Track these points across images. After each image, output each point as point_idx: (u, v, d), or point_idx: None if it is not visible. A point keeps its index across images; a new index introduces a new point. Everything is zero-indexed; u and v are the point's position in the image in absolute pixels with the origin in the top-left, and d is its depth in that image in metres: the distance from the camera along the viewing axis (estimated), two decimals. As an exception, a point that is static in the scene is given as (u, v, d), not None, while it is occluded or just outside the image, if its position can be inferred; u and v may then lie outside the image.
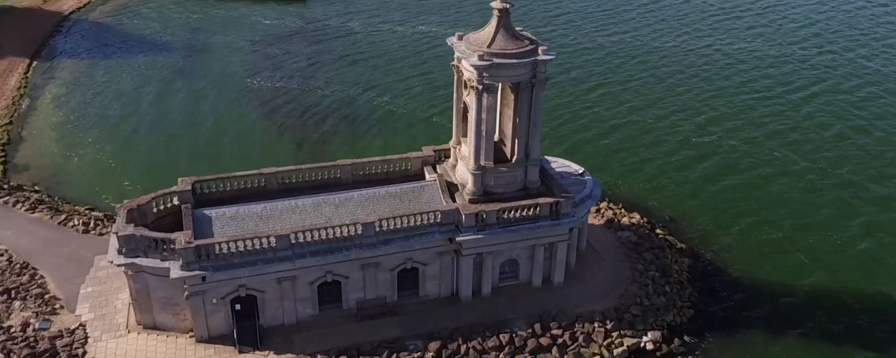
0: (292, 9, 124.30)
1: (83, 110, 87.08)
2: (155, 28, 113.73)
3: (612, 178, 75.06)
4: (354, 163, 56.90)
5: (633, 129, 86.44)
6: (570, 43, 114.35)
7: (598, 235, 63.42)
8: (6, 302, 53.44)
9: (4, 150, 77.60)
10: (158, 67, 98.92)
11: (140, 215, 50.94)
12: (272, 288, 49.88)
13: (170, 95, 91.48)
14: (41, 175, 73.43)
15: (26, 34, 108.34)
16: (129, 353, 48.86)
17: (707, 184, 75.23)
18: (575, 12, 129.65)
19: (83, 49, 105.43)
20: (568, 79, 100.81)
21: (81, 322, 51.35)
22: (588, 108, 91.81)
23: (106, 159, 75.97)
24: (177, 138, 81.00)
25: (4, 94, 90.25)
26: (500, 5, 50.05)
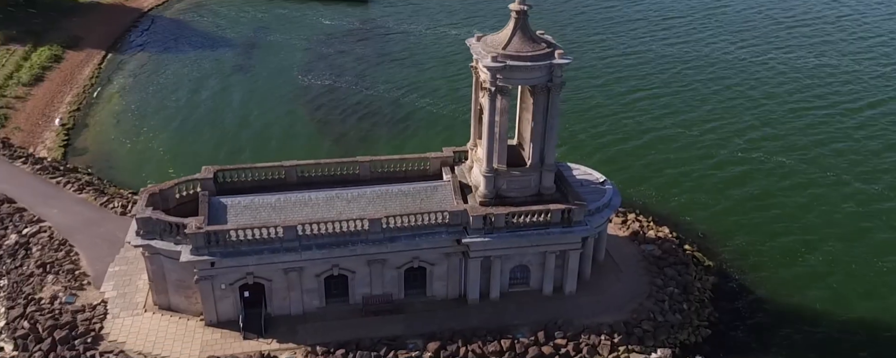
0: (353, 10, 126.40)
1: (144, 100, 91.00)
2: (222, 25, 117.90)
3: (646, 189, 72.82)
4: (373, 160, 57.08)
5: (676, 140, 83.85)
6: (622, 48, 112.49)
7: (621, 246, 61.38)
8: (42, 275, 56.25)
9: (69, 134, 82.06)
10: (219, 62, 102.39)
11: (162, 200, 52.63)
12: (279, 277, 50.55)
13: (225, 89, 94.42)
14: (96, 159, 77.20)
15: (106, 28, 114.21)
16: (142, 331, 50.51)
17: (748, 201, 71.86)
18: (635, 19, 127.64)
19: (154, 43, 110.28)
20: (614, 84, 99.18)
21: (104, 299, 53.44)
22: (630, 115, 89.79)
23: (156, 147, 79.09)
24: (224, 130, 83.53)
25: (78, 82, 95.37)
26: (518, 7, 49.25)
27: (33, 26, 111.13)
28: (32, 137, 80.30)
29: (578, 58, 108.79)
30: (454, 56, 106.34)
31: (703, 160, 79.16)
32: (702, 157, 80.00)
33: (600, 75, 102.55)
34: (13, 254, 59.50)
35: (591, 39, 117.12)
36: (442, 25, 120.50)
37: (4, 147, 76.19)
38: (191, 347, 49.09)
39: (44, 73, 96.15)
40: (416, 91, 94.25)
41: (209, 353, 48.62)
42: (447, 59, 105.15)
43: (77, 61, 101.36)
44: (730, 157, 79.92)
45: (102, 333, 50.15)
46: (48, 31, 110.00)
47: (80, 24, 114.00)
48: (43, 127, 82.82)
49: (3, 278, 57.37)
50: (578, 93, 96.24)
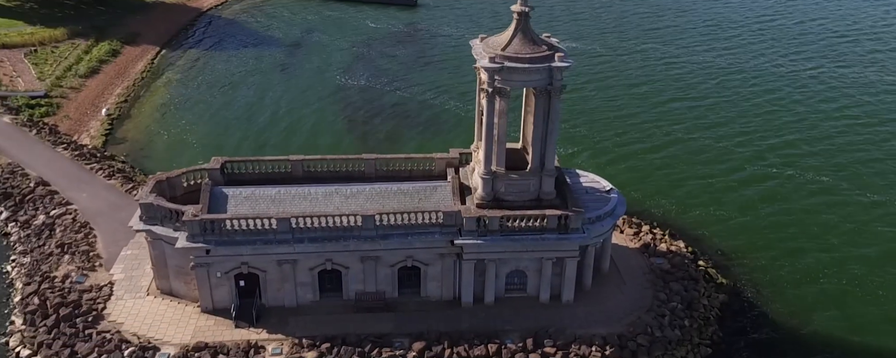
0: (401, 14, 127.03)
1: (186, 94, 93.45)
2: (272, 26, 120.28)
3: (667, 201, 70.03)
4: (378, 158, 56.57)
5: (706, 151, 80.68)
6: (666, 57, 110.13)
7: (629, 258, 58.97)
8: (60, 255, 58.05)
9: (112, 123, 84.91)
10: (264, 61, 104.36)
11: (169, 187, 53.56)
12: (273, 269, 50.54)
13: (263, 86, 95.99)
14: (133, 148, 79.53)
15: (164, 26, 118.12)
16: (141, 314, 51.32)
17: (774, 218, 68.24)
18: (685, 28, 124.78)
19: (206, 41, 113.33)
20: (650, 93, 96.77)
21: (111, 281, 54.64)
22: (660, 124, 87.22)
23: (190, 139, 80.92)
24: (256, 124, 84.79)
25: (129, 76, 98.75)
26: (519, 8, 48.00)
27: (99, 22, 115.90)
28: (79, 125, 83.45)
29: (617, 65, 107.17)
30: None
31: (731, 174, 75.63)
32: (730, 170, 76.44)
33: (638, 82, 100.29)
34: (39, 233, 61.75)
35: (633, 47, 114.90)
36: (485, 30, 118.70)
37: (51, 133, 79.50)
38: (183, 332, 49.57)
39: (100, 66, 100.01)
40: (448, 93, 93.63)
41: (200, 339, 48.92)
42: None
43: (133, 56, 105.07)
44: (760, 171, 76.18)
45: (104, 314, 51.24)
46: (112, 27, 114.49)
47: (141, 22, 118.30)
48: (90, 116, 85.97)
49: (27, 256, 59.55)
50: (612, 100, 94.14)
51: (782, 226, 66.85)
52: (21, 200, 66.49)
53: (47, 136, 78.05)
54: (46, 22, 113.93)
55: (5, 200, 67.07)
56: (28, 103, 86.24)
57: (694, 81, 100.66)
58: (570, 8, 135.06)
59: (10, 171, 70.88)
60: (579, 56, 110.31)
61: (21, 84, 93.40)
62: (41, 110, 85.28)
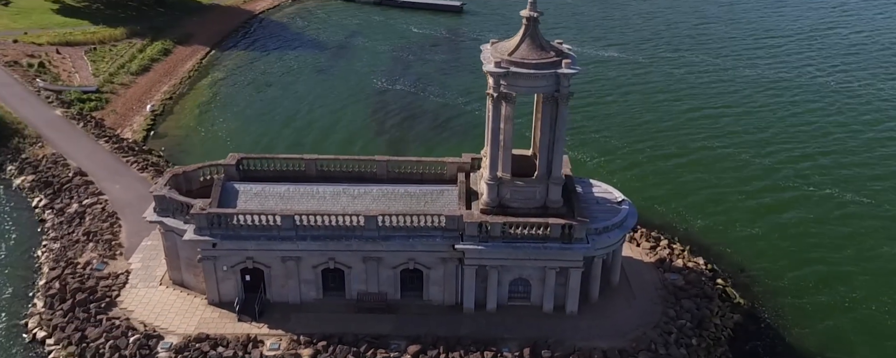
0: (446, 20, 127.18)
1: (228, 93, 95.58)
2: (319, 28, 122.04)
3: (691, 216, 67.30)
4: (390, 160, 56.31)
5: (738, 167, 77.35)
6: (700, 65, 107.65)
7: (642, 272, 56.94)
8: (85, 242, 59.88)
9: (155, 119, 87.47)
10: (306, 62, 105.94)
11: (185, 181, 54.55)
12: (277, 265, 50.79)
13: (303, 88, 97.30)
14: (170, 143, 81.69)
15: (217, 27, 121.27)
16: (151, 303, 52.33)
17: (807, 239, 64.85)
18: (726, 37, 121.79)
19: (255, 43, 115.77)
20: (680, 100, 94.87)
21: (128, 269, 56.00)
22: (691, 135, 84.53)
23: (225, 136, 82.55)
24: (291, 124, 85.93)
25: (177, 74, 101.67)
26: (528, 13, 47.07)
27: (158, 23, 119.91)
28: (123, 120, 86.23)
29: (650, 73, 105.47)
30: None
31: (767, 192, 72.32)
32: (767, 188, 73.07)
33: (668, 90, 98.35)
34: (70, 221, 63.91)
35: (668, 55, 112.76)
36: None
37: (96, 126, 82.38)
38: (188, 323, 50.31)
39: (152, 64, 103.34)
40: (484, 99, 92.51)
41: (203, 330, 49.51)
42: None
43: (183, 55, 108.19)
44: (800, 191, 72.59)
45: (117, 301, 52.51)
46: (168, 27, 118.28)
47: (196, 23, 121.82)
48: (135, 112, 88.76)
49: (57, 242, 61.65)
50: (642, 108, 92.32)
51: (815, 248, 63.44)
52: (59, 189, 69.06)
53: (92, 129, 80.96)
54: (109, 22, 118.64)
55: (46, 188, 69.78)
56: (80, 98, 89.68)
57: (724, 91, 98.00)
58: (609, 16, 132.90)
59: (53, 161, 73.78)
60: (611, 63, 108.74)
61: (77, 79, 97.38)
62: (91, 104, 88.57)
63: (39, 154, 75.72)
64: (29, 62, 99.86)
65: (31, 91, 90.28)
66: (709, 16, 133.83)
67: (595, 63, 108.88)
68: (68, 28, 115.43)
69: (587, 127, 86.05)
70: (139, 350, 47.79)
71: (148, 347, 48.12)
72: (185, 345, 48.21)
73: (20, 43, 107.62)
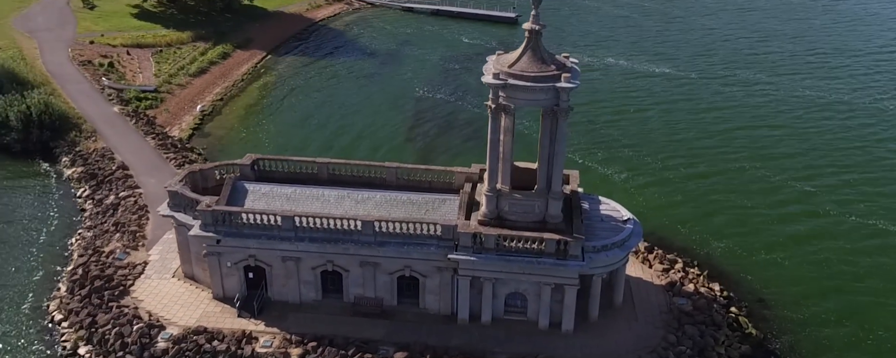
0: (499, 31, 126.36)
1: (274, 96, 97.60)
2: (372, 37, 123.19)
3: (713, 240, 64.00)
4: (399, 167, 55.93)
5: (770, 189, 73.28)
6: (750, 83, 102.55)
7: (650, 294, 54.45)
8: (113, 232, 62.07)
9: (202, 119, 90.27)
10: (352, 69, 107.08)
11: (202, 178, 55.83)
12: (278, 264, 51.14)
13: (346, 94, 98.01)
14: (212, 142, 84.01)
15: (277, 33, 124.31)
16: (160, 294, 53.57)
17: (837, 269, 60.63)
18: (782, 53, 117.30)
19: (309, 49, 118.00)
20: (721, 120, 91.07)
21: (147, 261, 57.65)
22: (725, 151, 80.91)
23: (264, 138, 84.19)
24: (329, 128, 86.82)
25: (231, 77, 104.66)
26: (530, 26, 46.11)
27: (223, 28, 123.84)
28: (174, 119, 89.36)
29: (695, 89, 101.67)
30: (586, 86, 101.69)
31: (799, 219, 68.03)
32: (800, 214, 68.78)
33: (713, 107, 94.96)
34: (105, 212, 66.44)
35: (721, 71, 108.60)
36: (578, 48, 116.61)
37: (147, 124, 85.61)
38: (190, 316, 51.25)
39: (209, 67, 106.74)
40: (523, 113, 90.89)
41: (203, 323, 50.37)
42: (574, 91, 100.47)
43: (240, 59, 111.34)
44: (834, 219, 67.90)
45: (130, 290, 54.06)
46: (232, 32, 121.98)
47: (258, 29, 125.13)
48: (186, 111, 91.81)
49: (90, 231, 64.16)
50: (674, 123, 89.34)
51: (844, 280, 59.18)
52: (102, 181, 71.99)
53: (143, 126, 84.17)
54: (179, 26, 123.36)
55: (90, 179, 72.86)
56: (137, 96, 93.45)
57: (780, 111, 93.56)
58: (666, 30, 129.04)
59: (101, 155, 77.11)
60: (657, 78, 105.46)
61: (140, 79, 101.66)
62: (146, 103, 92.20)
63: (91, 147, 79.34)
64: (100, 62, 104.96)
65: (97, 89, 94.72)
66: (772, 32, 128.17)
67: (641, 77, 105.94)
68: (141, 31, 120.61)
69: (620, 141, 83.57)
70: (140, 338, 49.02)
71: (149, 336, 49.28)
72: (184, 336, 49.13)
73: (96, 44, 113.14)
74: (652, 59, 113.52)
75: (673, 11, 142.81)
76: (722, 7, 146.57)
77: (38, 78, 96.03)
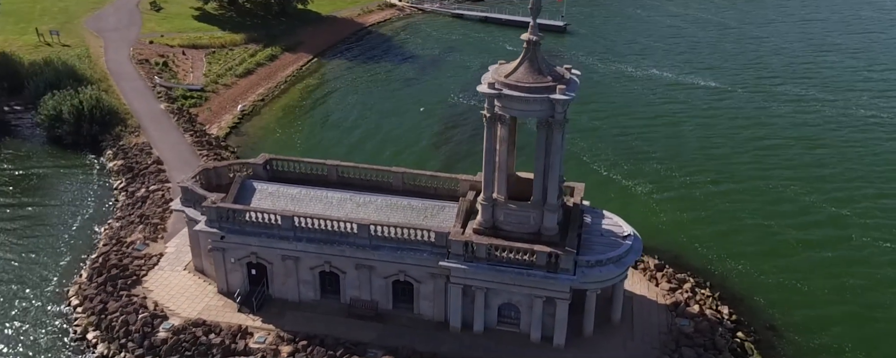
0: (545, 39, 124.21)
1: (313, 99, 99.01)
2: (418, 42, 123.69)
3: (733, 260, 61.31)
4: (405, 172, 55.89)
5: (800, 210, 69.82)
6: (796, 99, 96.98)
7: (652, 313, 52.61)
8: (137, 224, 64.40)
9: (241, 119, 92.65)
10: (394, 74, 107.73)
11: (216, 176, 57.08)
12: (278, 263, 51.87)
13: (382, 98, 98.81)
14: (246, 141, 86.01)
15: (326, 37, 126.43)
16: (169, 285, 55.15)
17: (861, 299, 56.95)
18: (841, 68, 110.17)
19: (355, 53, 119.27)
20: (761, 139, 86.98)
21: (163, 253, 59.48)
22: (758, 168, 77.80)
23: (296, 139, 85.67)
24: (359, 131, 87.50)
25: (275, 79, 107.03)
26: (527, 37, 45.22)
27: (276, 31, 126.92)
28: (214, 117, 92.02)
29: (737, 102, 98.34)
30: (619, 97, 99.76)
31: (823, 243, 64.27)
32: (824, 240, 64.85)
33: (753, 124, 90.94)
34: (134, 204, 69.02)
35: (768, 85, 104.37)
36: (622, 58, 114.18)
37: (188, 121, 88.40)
38: (193, 308, 52.55)
39: (256, 68, 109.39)
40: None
41: (203, 316, 51.57)
42: (610, 100, 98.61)
43: (287, 62, 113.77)
44: (860, 243, 64.14)
45: (142, 280, 55.91)
46: (283, 35, 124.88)
47: (309, 32, 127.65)
48: (227, 110, 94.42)
49: (119, 221, 66.78)
50: (707, 137, 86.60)
51: (868, 311, 55.67)
52: (137, 174, 74.76)
53: (183, 123, 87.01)
54: (235, 28, 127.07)
55: (127, 172, 75.75)
56: (184, 94, 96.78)
57: (826, 129, 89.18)
58: (719, 41, 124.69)
59: (140, 149, 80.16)
60: (698, 90, 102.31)
61: (190, 78, 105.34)
62: (191, 101, 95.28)
63: (133, 142, 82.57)
64: (156, 61, 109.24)
65: (149, 86, 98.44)
66: (831, 45, 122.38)
67: (683, 88, 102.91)
68: (199, 33, 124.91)
69: (649, 153, 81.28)
70: (143, 327, 50.59)
71: (152, 325, 50.80)
72: (184, 328, 50.42)
73: (155, 44, 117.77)
74: (697, 71, 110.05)
75: (728, 22, 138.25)
76: (780, 18, 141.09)
77: (97, 75, 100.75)
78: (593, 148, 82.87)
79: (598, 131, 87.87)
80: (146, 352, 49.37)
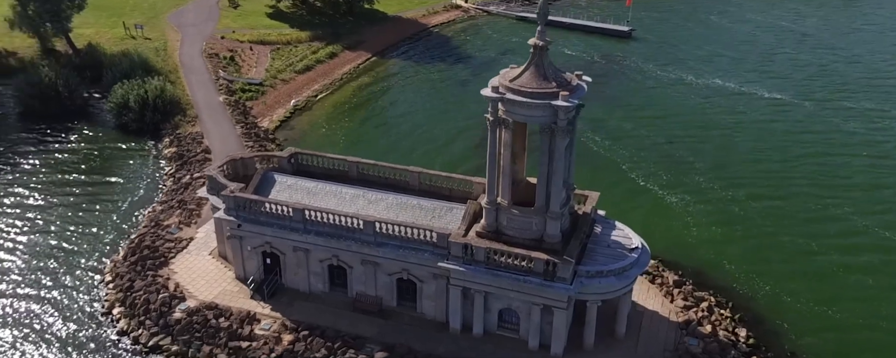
0: (607, 44, 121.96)
1: (364, 97, 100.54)
2: (477, 45, 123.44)
3: (763, 281, 58.29)
4: (422, 172, 56.14)
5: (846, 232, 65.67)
6: (859, 113, 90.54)
7: (660, 330, 50.81)
8: (175, 208, 67.47)
9: (292, 113, 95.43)
10: (447, 75, 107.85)
11: (242, 166, 59.02)
12: (290, 254, 53.19)
13: (431, 98, 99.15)
14: (293, 135, 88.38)
15: (388, 37, 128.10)
16: (193, 269, 57.48)
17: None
18: None
19: (413, 53, 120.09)
20: (817, 155, 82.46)
21: (193, 237, 62.09)
22: (806, 185, 73.88)
23: (339, 137, 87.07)
24: (400, 131, 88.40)
25: (332, 76, 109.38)
26: (534, 41, 44.74)
27: (341, 30, 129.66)
28: (267, 111, 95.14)
29: (799, 116, 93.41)
30: (672, 105, 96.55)
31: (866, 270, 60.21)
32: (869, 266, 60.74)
33: (813, 140, 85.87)
34: (178, 189, 72.40)
35: (835, 99, 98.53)
36: (685, 65, 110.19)
37: (242, 113, 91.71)
38: (209, 292, 54.62)
39: (316, 65, 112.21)
40: (601, 130, 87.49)
41: (218, 301, 53.56)
42: (662, 108, 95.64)
43: (346, 60, 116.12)
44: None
45: (169, 262, 58.54)
46: (346, 34, 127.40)
47: (372, 31, 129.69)
48: (281, 105, 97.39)
49: (161, 205, 70.17)
50: (756, 150, 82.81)
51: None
52: (185, 162, 78.32)
53: (237, 115, 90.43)
54: (303, 26, 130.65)
55: (178, 159, 79.48)
56: (243, 88, 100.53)
57: (891, 148, 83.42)
58: (802, 52, 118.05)
59: (192, 138, 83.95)
60: (760, 101, 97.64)
61: (253, 73, 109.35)
62: (249, 95, 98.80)
63: (188, 131, 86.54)
64: (224, 55, 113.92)
65: (213, 79, 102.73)
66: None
67: (744, 98, 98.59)
68: (269, 29, 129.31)
69: (690, 163, 78.41)
70: (161, 306, 53.06)
71: (169, 305, 53.21)
72: (197, 310, 52.58)
73: (226, 39, 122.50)
74: (762, 80, 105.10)
75: (807, 30, 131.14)
76: (865, 27, 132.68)
77: (168, 67, 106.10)
78: (635, 156, 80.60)
79: (643, 139, 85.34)
80: (161, 330, 51.82)
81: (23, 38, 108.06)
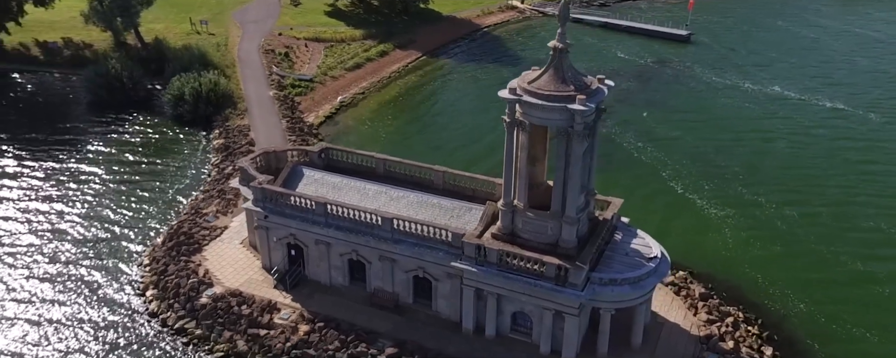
0: (664, 48, 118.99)
1: (410, 96, 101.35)
2: (530, 46, 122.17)
3: (797, 298, 55.87)
4: (446, 172, 56.21)
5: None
6: None
7: (679, 343, 49.41)
8: (215, 197, 69.53)
9: (338, 109, 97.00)
10: (494, 77, 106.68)
11: (275, 159, 60.45)
12: (313, 246, 54.14)
13: (474, 99, 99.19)
14: (337, 130, 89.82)
15: (441, 36, 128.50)
16: (223, 256, 59.27)
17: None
18: None
19: (462, 54, 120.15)
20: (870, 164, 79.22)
21: (228, 226, 64.03)
22: (853, 195, 71.20)
23: (382, 133, 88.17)
24: (441, 131, 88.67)
25: (380, 74, 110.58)
26: (553, 44, 44.18)
27: (395, 29, 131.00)
28: (314, 106, 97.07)
29: (852, 123, 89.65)
30: (723, 111, 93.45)
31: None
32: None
33: (868, 148, 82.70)
34: (220, 179, 74.67)
35: (862, 102, 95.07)
36: (743, 75, 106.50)
37: (289, 108, 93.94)
38: (235, 279, 56.21)
39: (366, 63, 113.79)
40: (650, 139, 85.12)
41: (243, 288, 55.01)
42: (711, 114, 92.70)
43: (396, 58, 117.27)
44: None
45: (203, 249, 60.53)
46: (400, 33, 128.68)
47: (425, 31, 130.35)
48: (328, 101, 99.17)
49: (203, 194, 72.50)
50: (801, 157, 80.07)
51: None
52: (231, 153, 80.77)
53: (284, 110, 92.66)
54: (358, 24, 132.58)
55: (224, 150, 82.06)
56: (293, 83, 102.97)
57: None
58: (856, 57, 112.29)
59: (239, 131, 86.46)
60: (809, 108, 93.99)
61: (305, 69, 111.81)
62: (298, 90, 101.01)
63: (237, 123, 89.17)
64: (279, 51, 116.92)
65: (266, 74, 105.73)
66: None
67: (798, 106, 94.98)
68: (325, 27, 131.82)
69: (733, 173, 75.92)
70: (190, 291, 54.93)
71: (197, 290, 55.02)
72: (222, 296, 54.18)
73: (283, 36, 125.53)
74: (820, 87, 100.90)
75: (878, 35, 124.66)
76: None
77: (226, 61, 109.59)
78: (676, 163, 78.46)
79: (687, 146, 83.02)
80: (187, 314, 53.68)
81: (98, 32, 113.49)
